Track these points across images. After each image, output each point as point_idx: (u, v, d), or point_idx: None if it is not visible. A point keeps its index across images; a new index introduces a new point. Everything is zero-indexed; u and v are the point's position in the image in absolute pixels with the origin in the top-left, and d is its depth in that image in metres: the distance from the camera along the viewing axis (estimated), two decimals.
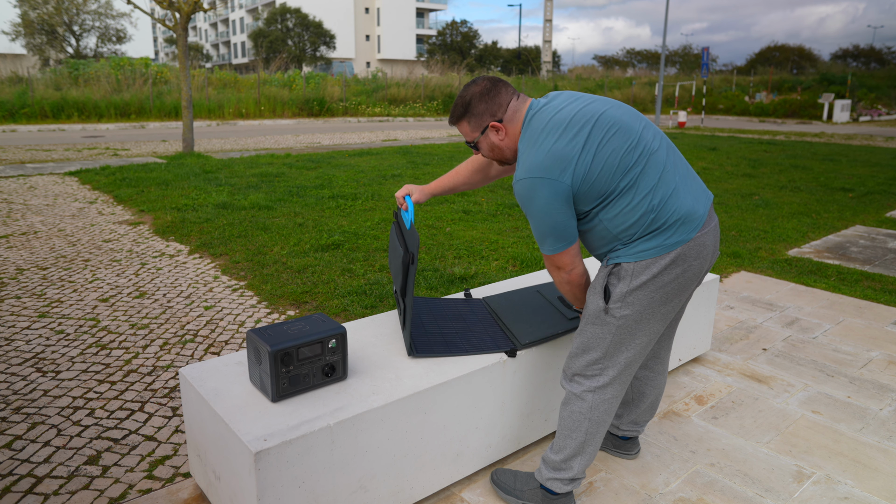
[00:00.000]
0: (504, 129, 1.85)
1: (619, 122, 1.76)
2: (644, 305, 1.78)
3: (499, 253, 5.04)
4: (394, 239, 2.27)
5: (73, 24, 39.23)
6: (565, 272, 1.84)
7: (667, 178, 1.75)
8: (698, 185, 1.84)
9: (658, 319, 1.83)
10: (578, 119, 1.74)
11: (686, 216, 1.74)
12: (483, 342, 2.20)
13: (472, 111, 1.87)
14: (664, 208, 1.73)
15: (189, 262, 4.77)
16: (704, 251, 1.78)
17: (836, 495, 2.12)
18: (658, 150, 1.77)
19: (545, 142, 1.73)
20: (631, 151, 1.72)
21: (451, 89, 28.51)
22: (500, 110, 1.85)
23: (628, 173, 1.71)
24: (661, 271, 1.74)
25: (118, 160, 10.68)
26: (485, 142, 1.91)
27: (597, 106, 1.79)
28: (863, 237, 5.87)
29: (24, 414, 2.60)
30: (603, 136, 1.72)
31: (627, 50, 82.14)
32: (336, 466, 1.76)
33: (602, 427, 1.92)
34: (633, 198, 1.72)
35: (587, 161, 1.69)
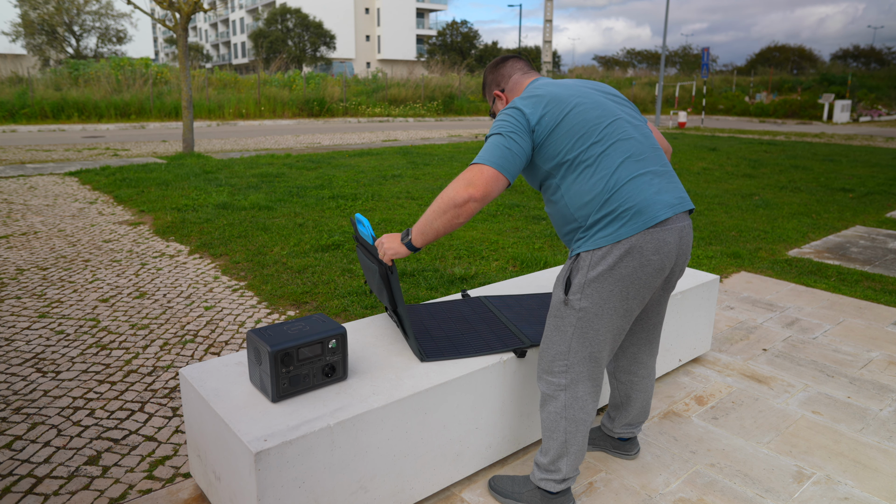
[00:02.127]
0: (505, 97, 2.02)
1: (603, 104, 1.83)
2: (603, 297, 1.78)
3: (499, 253, 5.04)
4: (363, 259, 2.24)
5: (74, 24, 39.25)
6: (473, 194, 1.71)
7: (631, 165, 1.76)
8: (673, 188, 1.82)
9: (620, 315, 1.81)
10: (570, 86, 1.87)
11: (642, 207, 1.73)
12: (490, 342, 2.21)
13: (485, 81, 2.09)
14: (619, 192, 1.74)
15: (189, 263, 4.77)
16: (665, 248, 1.76)
17: (836, 496, 2.12)
18: (633, 140, 1.80)
19: (534, 91, 1.86)
20: (602, 127, 1.78)
21: (451, 90, 28.52)
22: (503, 81, 2.02)
23: (592, 146, 1.76)
24: (617, 262, 1.73)
25: (118, 160, 10.68)
26: (495, 111, 2.07)
27: (591, 87, 1.89)
28: (863, 237, 5.87)
29: (24, 414, 2.60)
30: (582, 104, 1.81)
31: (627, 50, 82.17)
32: (336, 467, 1.76)
33: (582, 426, 1.91)
34: (592, 173, 1.76)
35: (559, 116, 1.78)
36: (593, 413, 1.93)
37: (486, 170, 1.73)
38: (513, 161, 1.74)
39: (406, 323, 2.04)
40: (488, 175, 1.72)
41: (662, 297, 2.01)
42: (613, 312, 1.80)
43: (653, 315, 2.06)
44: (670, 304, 2.79)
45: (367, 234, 2.10)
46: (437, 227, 1.78)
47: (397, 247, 1.90)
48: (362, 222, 2.14)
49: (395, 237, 1.92)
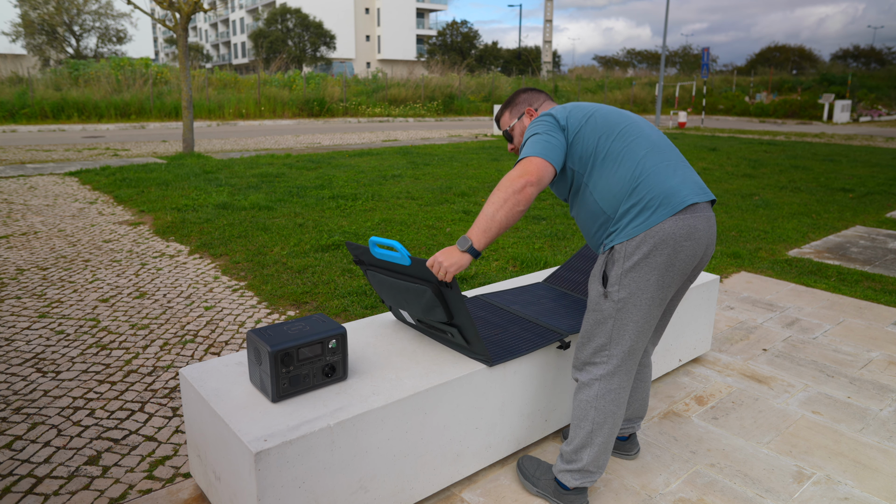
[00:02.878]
0: (536, 115, 2.15)
1: (620, 111, 2.00)
2: (640, 286, 1.82)
3: (499, 253, 5.04)
4: (388, 284, 2.11)
5: (74, 24, 39.25)
6: (528, 178, 1.76)
7: (654, 156, 1.86)
8: (693, 178, 1.90)
9: (656, 304, 1.86)
10: (588, 105, 2.02)
11: (669, 193, 1.80)
12: (532, 339, 2.26)
13: (515, 101, 2.19)
14: (646, 181, 1.82)
15: (189, 263, 4.77)
16: (696, 234, 1.81)
17: (836, 496, 2.12)
18: (652, 137, 1.92)
19: (555, 107, 2.03)
20: (623, 126, 1.92)
21: (451, 90, 28.52)
22: (537, 103, 2.19)
23: (616, 140, 1.88)
24: (652, 250, 1.79)
25: (118, 160, 10.68)
26: (518, 126, 2.16)
27: (607, 107, 2.03)
28: (863, 237, 5.87)
29: (24, 414, 2.60)
30: (602, 110, 1.98)
31: (628, 50, 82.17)
32: (336, 467, 1.76)
33: (610, 419, 1.94)
34: (619, 165, 1.85)
35: (582, 120, 1.93)
36: (623, 407, 1.97)
37: (534, 159, 1.81)
38: (555, 151, 1.85)
39: (469, 329, 1.96)
40: (538, 162, 1.81)
41: (683, 288, 2.04)
42: (651, 301, 1.85)
43: (670, 305, 2.09)
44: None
45: (398, 257, 1.91)
46: (499, 219, 1.76)
47: (458, 258, 1.80)
48: (387, 245, 2.05)
49: (451, 250, 1.82)
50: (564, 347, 2.29)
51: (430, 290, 1.92)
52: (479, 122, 24.57)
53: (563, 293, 2.75)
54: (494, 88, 30.69)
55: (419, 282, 1.95)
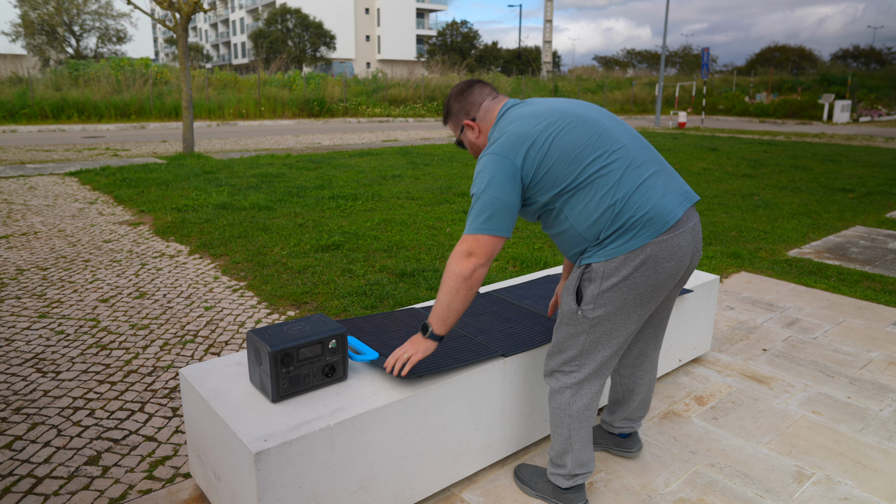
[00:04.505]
0: (477, 127, 1.93)
1: (583, 116, 1.79)
2: (616, 306, 1.78)
3: (499, 254, 5.04)
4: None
5: (74, 24, 39.25)
6: (478, 261, 1.72)
7: (632, 174, 1.74)
8: (676, 185, 1.81)
9: (634, 320, 1.83)
10: (544, 112, 1.80)
11: (654, 214, 1.72)
12: (545, 332, 2.30)
13: (451, 111, 1.98)
14: (628, 204, 1.72)
15: (189, 263, 4.77)
16: (679, 252, 1.76)
17: (836, 496, 2.12)
18: (626, 147, 1.78)
19: (508, 127, 1.79)
20: (592, 144, 1.74)
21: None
22: (473, 109, 1.93)
23: (589, 166, 1.73)
24: (632, 273, 1.73)
25: (118, 161, 10.68)
26: (465, 140, 1.99)
27: (566, 104, 1.84)
28: (863, 238, 5.87)
29: (24, 414, 2.60)
30: (564, 126, 1.75)
31: (628, 50, 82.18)
32: (336, 467, 1.76)
33: (585, 423, 1.94)
34: (595, 192, 1.73)
35: (543, 147, 1.73)
36: (596, 408, 1.96)
37: (480, 238, 1.72)
38: (504, 218, 1.73)
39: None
40: (485, 242, 1.72)
41: (673, 293, 2.01)
42: (627, 318, 1.82)
43: (662, 311, 2.07)
44: None
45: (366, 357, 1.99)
46: (455, 306, 1.77)
47: (424, 345, 1.85)
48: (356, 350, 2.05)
49: (416, 339, 1.86)
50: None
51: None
52: None
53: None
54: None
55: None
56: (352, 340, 2.09)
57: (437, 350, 2.11)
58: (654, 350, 2.16)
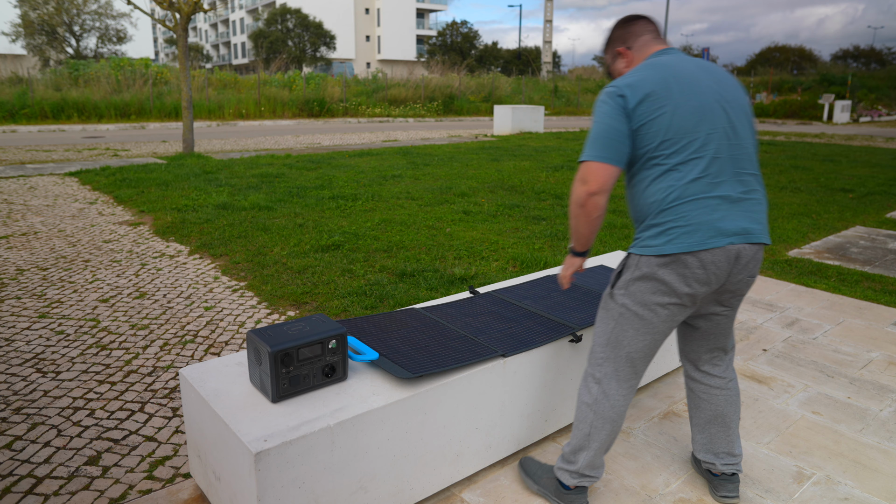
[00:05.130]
0: (630, 56, 1.95)
1: (706, 112, 1.75)
2: (641, 300, 1.81)
3: (499, 254, 5.04)
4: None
5: (74, 24, 39.26)
6: (589, 189, 1.77)
7: (702, 185, 1.73)
8: (742, 216, 1.75)
9: (660, 321, 1.82)
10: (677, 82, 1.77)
11: (694, 229, 1.71)
12: (545, 332, 2.31)
13: (611, 37, 2.01)
14: (677, 208, 1.73)
15: (189, 263, 4.77)
16: (709, 275, 1.74)
17: (836, 496, 2.12)
18: (717, 159, 1.74)
19: (645, 71, 1.79)
20: (691, 138, 1.73)
21: (451, 90, 28.52)
22: (631, 39, 1.95)
23: (674, 154, 1.74)
24: (657, 271, 1.76)
25: (118, 161, 10.68)
26: (614, 69, 2.01)
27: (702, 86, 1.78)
28: (863, 238, 5.87)
29: (24, 414, 2.60)
30: (681, 109, 1.74)
31: None
32: (336, 467, 1.76)
33: (607, 424, 1.94)
34: (664, 178, 1.75)
35: (653, 111, 1.74)
36: (621, 415, 1.95)
37: (592, 165, 1.77)
38: (614, 147, 1.76)
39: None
40: (596, 169, 1.77)
41: (719, 316, 1.93)
42: (652, 317, 1.82)
43: (709, 331, 1.98)
44: None
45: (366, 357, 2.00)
46: (582, 231, 1.86)
47: (571, 261, 2.02)
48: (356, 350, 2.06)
49: (565, 261, 2.05)
50: (577, 341, 2.32)
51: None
52: (480, 123, 24.57)
53: (573, 286, 2.79)
54: (494, 89, 30.69)
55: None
56: (352, 340, 2.09)
57: (437, 350, 2.12)
58: (714, 364, 2.04)
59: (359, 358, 1.99)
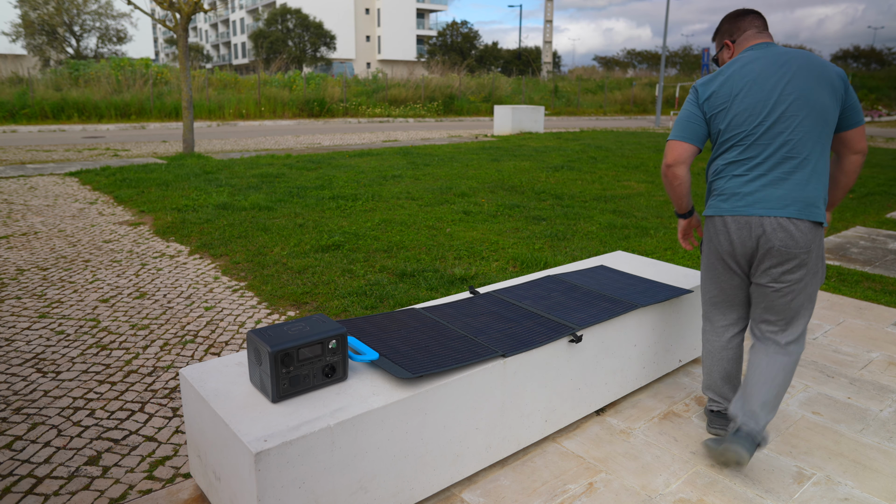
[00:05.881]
0: (732, 49, 2.28)
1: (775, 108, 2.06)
2: (704, 253, 2.30)
3: (499, 254, 5.04)
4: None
5: (74, 24, 39.27)
6: (666, 161, 2.21)
7: (747, 164, 2.11)
8: (781, 195, 2.05)
9: (719, 270, 2.24)
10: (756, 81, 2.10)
11: (727, 198, 2.14)
12: (545, 332, 2.31)
13: (720, 29, 2.32)
14: (723, 180, 2.17)
15: (189, 263, 4.77)
16: (732, 238, 2.13)
17: (836, 496, 2.12)
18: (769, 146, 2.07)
19: (720, 70, 2.19)
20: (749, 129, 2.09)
21: (451, 90, 28.52)
22: (737, 33, 2.27)
23: (728, 140, 2.14)
24: (707, 231, 2.23)
25: (118, 161, 10.68)
26: (720, 58, 2.33)
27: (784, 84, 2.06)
28: (863, 238, 5.87)
29: (24, 414, 2.60)
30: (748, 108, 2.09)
31: (628, 51, 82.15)
32: (336, 467, 1.76)
33: (709, 356, 2.39)
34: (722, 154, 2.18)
35: (720, 104, 2.14)
36: (717, 349, 2.36)
37: (671, 143, 2.22)
38: (690, 128, 2.19)
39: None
40: (673, 145, 2.21)
41: (766, 287, 2.15)
42: (711, 269, 2.27)
43: (760, 300, 2.20)
44: (670, 303, 2.79)
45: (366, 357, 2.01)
46: (672, 196, 2.31)
47: (679, 224, 2.48)
48: (356, 350, 2.06)
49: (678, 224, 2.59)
50: (577, 341, 2.32)
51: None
52: (480, 123, 24.58)
53: (572, 286, 2.79)
54: (494, 89, 30.69)
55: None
56: (352, 341, 2.09)
57: (437, 350, 2.12)
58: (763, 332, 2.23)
59: (359, 358, 1.99)
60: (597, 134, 17.94)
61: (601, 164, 10.78)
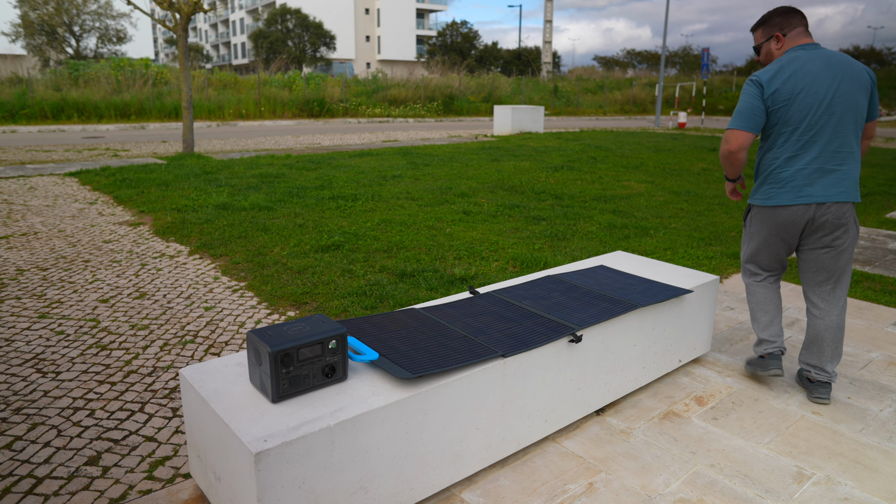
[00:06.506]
0: (783, 42, 2.60)
1: (824, 105, 2.46)
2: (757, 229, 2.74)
3: (499, 254, 5.04)
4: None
5: (73, 24, 39.27)
6: (729, 146, 2.55)
7: (801, 158, 2.51)
8: (829, 181, 2.50)
9: (774, 242, 2.69)
10: (807, 78, 2.46)
11: (786, 186, 2.55)
12: (545, 332, 2.31)
13: (770, 20, 2.61)
14: (779, 171, 2.56)
15: (189, 263, 4.77)
16: (781, 219, 2.60)
17: (836, 496, 2.12)
18: (817, 143, 2.48)
19: (778, 66, 2.50)
20: (805, 124, 2.48)
21: (451, 90, 28.53)
22: (788, 28, 2.58)
23: (790, 131, 2.50)
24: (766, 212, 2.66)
25: (118, 161, 10.68)
26: (765, 48, 2.65)
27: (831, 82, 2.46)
28: (863, 238, 5.87)
29: (24, 415, 2.60)
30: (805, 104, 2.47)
31: (628, 51, 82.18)
32: (336, 467, 1.76)
33: (754, 307, 2.85)
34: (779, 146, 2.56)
35: (783, 101, 2.48)
36: (760, 297, 2.82)
37: (734, 132, 2.55)
38: (752, 119, 2.52)
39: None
40: (734, 134, 2.54)
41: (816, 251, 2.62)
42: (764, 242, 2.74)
43: (811, 262, 2.66)
44: (670, 303, 2.79)
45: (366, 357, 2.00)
46: (727, 169, 2.67)
47: (727, 186, 2.86)
48: (356, 350, 2.06)
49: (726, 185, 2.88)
50: (576, 341, 2.32)
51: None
52: (479, 123, 24.58)
53: (572, 286, 2.79)
54: (494, 89, 30.70)
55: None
56: (352, 341, 2.09)
57: (437, 350, 2.12)
58: (821, 300, 2.67)
59: (359, 358, 1.99)
60: (597, 134, 17.95)
61: (601, 164, 10.78)
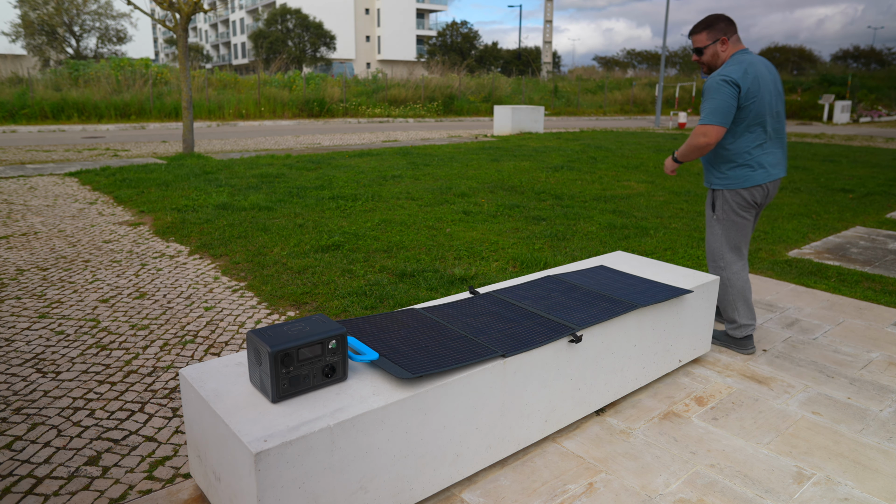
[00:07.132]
0: (727, 47, 2.98)
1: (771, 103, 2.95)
2: (732, 214, 3.11)
3: (499, 254, 5.04)
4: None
5: (74, 24, 39.27)
6: (708, 139, 2.89)
7: (765, 146, 3.00)
8: (781, 162, 3.06)
9: (748, 220, 3.12)
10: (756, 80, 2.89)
11: (760, 168, 3.01)
12: (545, 332, 2.31)
13: (715, 27, 2.97)
14: (754, 154, 3.00)
15: (189, 263, 4.77)
16: (768, 194, 3.09)
17: (836, 496, 2.12)
18: (769, 132, 2.99)
19: (742, 67, 2.88)
20: (762, 117, 2.93)
21: (451, 90, 28.52)
22: (731, 33, 2.98)
23: (753, 122, 2.93)
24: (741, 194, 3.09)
25: (118, 161, 10.68)
26: (711, 49, 3.00)
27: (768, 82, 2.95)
28: (863, 238, 5.87)
29: (24, 414, 2.60)
30: (763, 99, 2.91)
31: (628, 51, 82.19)
32: (336, 467, 1.76)
33: (742, 291, 3.17)
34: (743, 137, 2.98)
35: (751, 96, 2.87)
36: (746, 279, 3.16)
37: (714, 128, 2.88)
38: (728, 116, 2.87)
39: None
40: (714, 129, 2.89)
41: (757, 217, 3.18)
42: (740, 224, 3.11)
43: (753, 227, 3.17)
44: (670, 303, 2.79)
45: (366, 357, 2.00)
46: (692, 157, 3.02)
47: (671, 165, 3.18)
48: (356, 350, 2.06)
49: (667, 161, 3.19)
50: (576, 341, 2.32)
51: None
52: (479, 123, 24.58)
53: (572, 286, 2.79)
54: (494, 89, 30.69)
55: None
56: (352, 341, 2.09)
57: (437, 350, 2.12)
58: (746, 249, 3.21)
59: (359, 358, 1.99)
60: (597, 134, 17.95)
61: (601, 165, 10.78)
